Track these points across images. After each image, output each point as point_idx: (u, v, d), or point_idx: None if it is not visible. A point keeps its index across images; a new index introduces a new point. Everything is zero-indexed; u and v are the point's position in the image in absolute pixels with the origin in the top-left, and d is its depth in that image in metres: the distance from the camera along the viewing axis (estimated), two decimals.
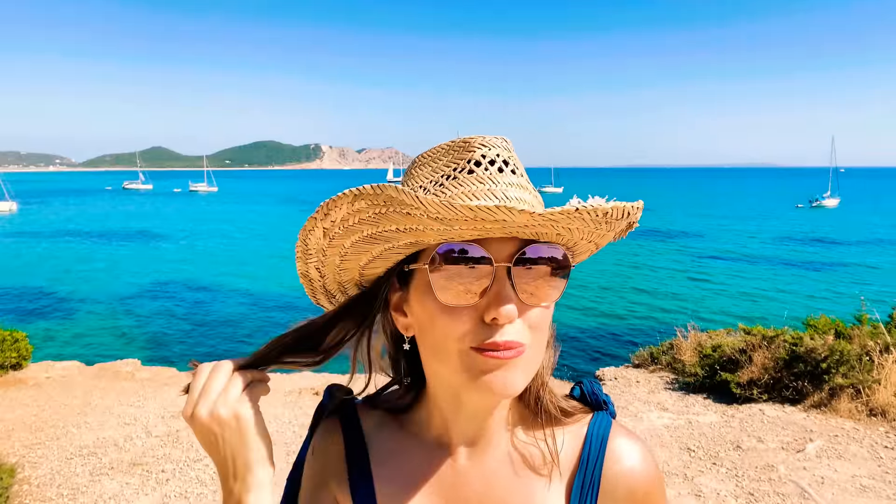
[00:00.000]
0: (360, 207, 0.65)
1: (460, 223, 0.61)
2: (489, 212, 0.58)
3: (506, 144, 0.72)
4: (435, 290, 0.67)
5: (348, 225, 0.68)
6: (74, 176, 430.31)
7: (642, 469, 0.78)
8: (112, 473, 4.69)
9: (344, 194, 0.64)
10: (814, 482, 4.21)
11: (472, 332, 0.66)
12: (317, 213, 0.68)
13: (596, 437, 0.79)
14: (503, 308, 0.64)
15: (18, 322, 15.44)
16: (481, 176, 0.68)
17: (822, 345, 5.55)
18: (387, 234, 0.67)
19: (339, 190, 0.65)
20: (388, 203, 0.62)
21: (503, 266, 0.65)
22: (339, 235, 0.70)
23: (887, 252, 32.36)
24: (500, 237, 0.66)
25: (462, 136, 0.73)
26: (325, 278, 0.80)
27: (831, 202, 68.49)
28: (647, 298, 19.45)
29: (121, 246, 37.52)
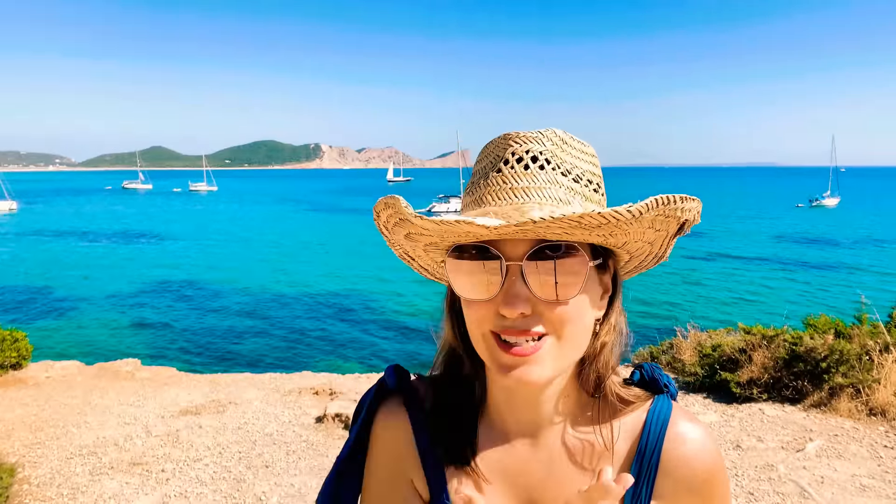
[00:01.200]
0: (389, 214, 0.74)
1: (440, 234, 0.69)
2: (451, 225, 0.64)
3: (543, 137, 0.74)
4: (453, 283, 0.73)
5: (390, 226, 0.77)
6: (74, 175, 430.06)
7: (702, 454, 0.77)
8: (112, 473, 4.69)
9: (379, 201, 0.73)
10: (813, 481, 4.21)
11: (490, 320, 0.70)
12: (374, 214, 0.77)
13: (656, 422, 0.79)
14: (510, 305, 0.68)
15: (18, 322, 15.44)
16: (506, 175, 0.73)
17: (821, 344, 5.55)
18: (413, 235, 0.75)
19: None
20: (396, 213, 0.71)
21: (515, 263, 0.68)
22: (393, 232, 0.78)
23: (887, 251, 32.37)
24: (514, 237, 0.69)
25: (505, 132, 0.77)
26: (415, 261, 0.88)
27: (831, 202, 68.52)
28: (647, 298, 19.45)
29: (120, 245, 37.51)
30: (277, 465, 4.80)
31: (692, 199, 0.68)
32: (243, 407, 6.18)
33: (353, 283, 23.69)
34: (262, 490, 4.39)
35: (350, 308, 19.70)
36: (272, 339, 15.96)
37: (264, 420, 5.79)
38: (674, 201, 0.65)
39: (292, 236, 43.65)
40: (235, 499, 4.28)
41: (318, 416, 5.80)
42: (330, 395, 6.55)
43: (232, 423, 5.69)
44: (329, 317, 18.55)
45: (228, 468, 4.75)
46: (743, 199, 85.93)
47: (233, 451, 5.05)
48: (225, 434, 5.43)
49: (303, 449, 5.11)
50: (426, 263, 0.87)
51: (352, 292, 22.10)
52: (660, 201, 0.63)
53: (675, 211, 0.67)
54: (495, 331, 0.69)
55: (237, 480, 4.55)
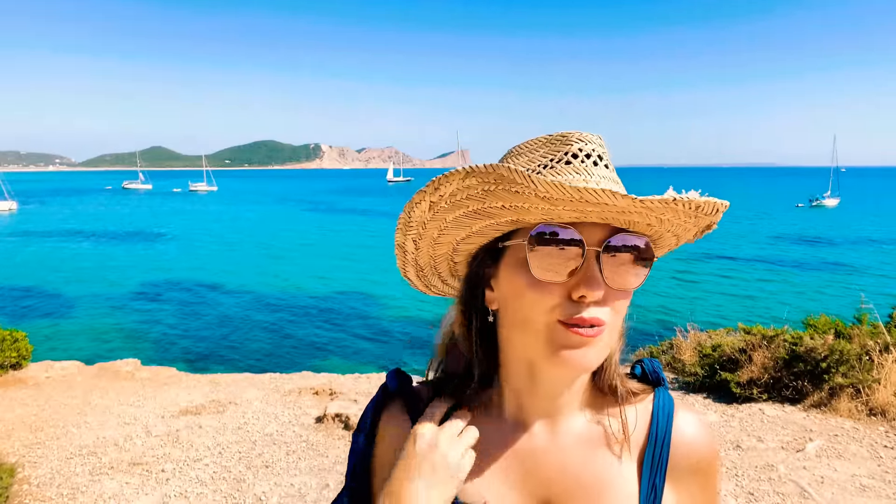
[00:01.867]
0: (471, 184, 0.69)
1: (565, 203, 0.66)
2: (594, 194, 0.62)
3: (600, 141, 0.76)
4: (531, 265, 0.71)
5: (456, 200, 0.72)
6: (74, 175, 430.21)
7: (705, 442, 0.84)
8: (112, 473, 4.69)
9: (457, 171, 0.68)
10: (813, 482, 4.21)
11: (561, 306, 0.71)
12: (427, 188, 0.72)
13: (662, 413, 0.84)
14: (592, 288, 0.69)
15: (18, 322, 15.43)
16: (578, 167, 0.73)
17: (821, 344, 5.54)
18: (491, 210, 0.72)
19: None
20: (498, 181, 0.67)
21: (593, 249, 0.70)
22: (443, 209, 0.75)
23: (887, 251, 32.38)
24: (592, 223, 0.71)
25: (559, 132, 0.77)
26: (419, 251, 0.85)
27: (831, 202, 68.54)
28: (647, 298, 19.45)
29: (120, 245, 37.51)
30: (277, 465, 4.80)
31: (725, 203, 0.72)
32: (243, 407, 6.18)
33: (354, 284, 23.69)
34: (262, 490, 4.39)
35: (351, 308, 19.70)
36: (272, 339, 15.96)
37: (264, 420, 5.79)
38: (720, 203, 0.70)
39: (293, 236, 43.66)
40: (235, 499, 4.28)
41: (318, 417, 5.80)
42: (330, 395, 6.55)
43: (232, 423, 5.69)
44: (330, 317, 18.55)
45: (228, 468, 4.75)
46: (743, 200, 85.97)
47: (233, 451, 5.05)
48: (225, 434, 5.43)
49: (303, 449, 5.11)
50: (427, 256, 0.86)
51: (352, 292, 22.11)
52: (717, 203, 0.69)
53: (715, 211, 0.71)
54: (566, 320, 0.70)
55: (237, 480, 4.55)
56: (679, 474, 0.82)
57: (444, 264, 0.88)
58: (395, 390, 0.90)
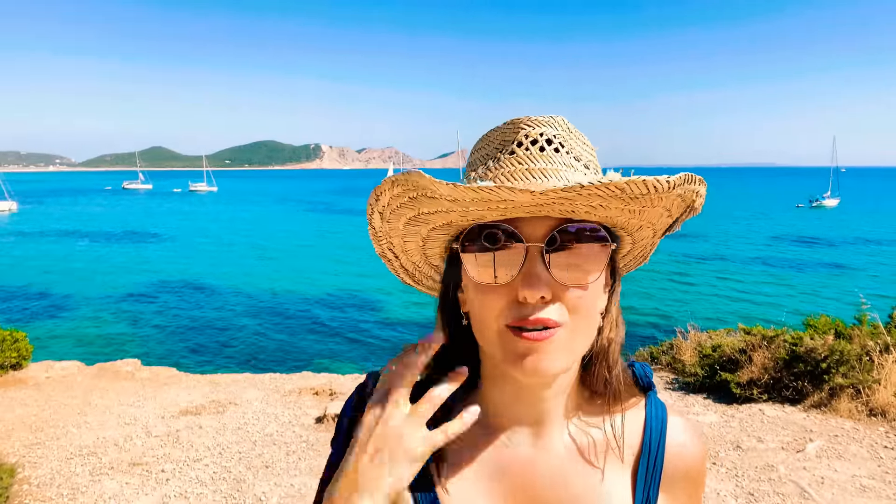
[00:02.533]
0: (398, 192, 0.68)
1: (472, 204, 0.63)
2: (491, 191, 0.59)
3: (554, 122, 0.72)
4: (467, 269, 0.70)
5: (393, 208, 0.72)
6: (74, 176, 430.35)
7: (697, 449, 0.82)
8: (112, 473, 4.69)
9: (385, 181, 0.68)
10: (814, 482, 4.21)
11: (507, 309, 0.67)
12: (371, 198, 0.72)
13: (656, 419, 0.81)
14: (532, 287, 0.64)
15: (18, 322, 15.44)
16: (521, 156, 0.69)
17: (821, 345, 5.54)
18: (423, 216, 0.71)
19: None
20: (415, 188, 0.66)
21: (536, 245, 0.66)
22: (391, 218, 0.74)
23: (887, 252, 32.37)
24: (534, 217, 0.66)
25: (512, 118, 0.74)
26: (398, 258, 0.83)
27: (831, 202, 68.56)
28: (647, 298, 19.45)
29: (121, 246, 37.51)
30: (277, 466, 4.80)
31: (704, 183, 0.69)
32: (243, 407, 6.18)
33: (355, 284, 23.68)
34: (262, 490, 4.38)
35: (351, 308, 19.70)
36: (272, 340, 15.96)
37: (264, 420, 5.79)
38: (696, 181, 0.66)
39: (293, 237, 43.66)
40: (235, 499, 4.28)
41: (318, 417, 5.80)
42: (330, 395, 6.55)
43: (232, 424, 5.69)
44: (330, 317, 18.55)
45: (228, 468, 4.75)
46: (743, 200, 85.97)
47: (233, 452, 5.05)
48: (225, 434, 5.43)
49: (303, 449, 5.11)
50: (411, 262, 0.84)
51: (353, 292, 22.10)
52: (685, 177, 0.64)
53: (692, 192, 0.68)
54: (512, 324, 0.66)
55: (237, 481, 4.55)
56: (672, 482, 0.80)
57: (425, 268, 0.85)
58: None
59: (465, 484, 0.77)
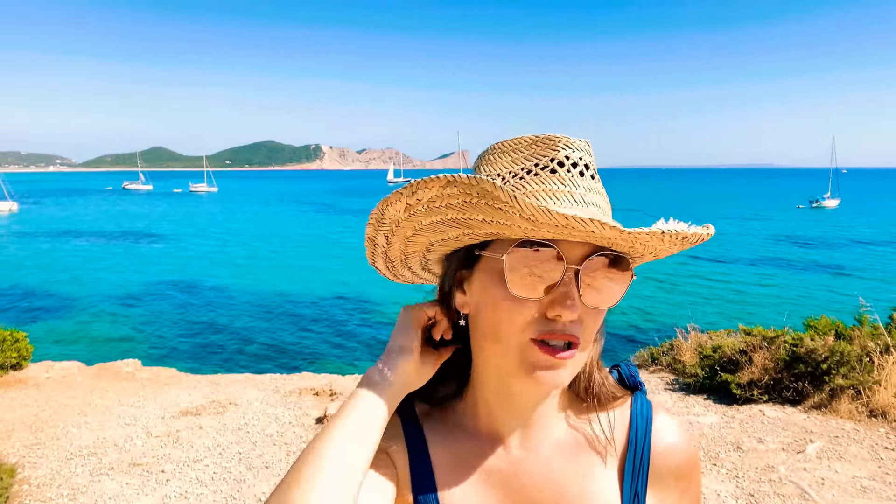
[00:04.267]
0: (451, 193, 0.66)
1: (549, 227, 0.64)
2: (581, 223, 0.61)
3: (588, 148, 0.74)
4: (508, 280, 0.69)
5: (434, 206, 0.69)
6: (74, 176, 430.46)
7: (685, 445, 0.83)
8: (112, 474, 4.69)
9: (438, 178, 0.65)
10: (814, 483, 4.21)
11: (534, 323, 0.69)
12: (404, 189, 0.69)
13: (641, 417, 0.83)
14: (568, 308, 0.67)
15: (18, 322, 15.43)
16: (563, 177, 0.71)
17: (822, 346, 5.54)
18: (470, 221, 0.69)
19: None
20: (481, 195, 0.64)
21: (572, 268, 0.68)
22: (420, 213, 0.72)
23: (887, 252, 32.36)
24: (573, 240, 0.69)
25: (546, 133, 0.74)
26: (390, 245, 0.82)
27: (831, 203, 68.56)
28: (647, 299, 19.44)
29: (121, 246, 37.52)
30: (278, 466, 4.79)
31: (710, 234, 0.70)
32: (244, 408, 6.18)
33: (355, 284, 23.68)
34: (263, 491, 4.38)
35: (351, 308, 19.70)
36: (273, 340, 15.96)
37: (265, 421, 5.79)
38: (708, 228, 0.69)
39: (293, 237, 43.66)
40: (236, 499, 4.28)
41: (318, 417, 5.80)
42: (330, 395, 6.55)
43: (232, 424, 5.69)
44: (330, 317, 18.54)
45: (229, 469, 4.75)
46: (743, 201, 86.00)
47: (233, 452, 5.05)
48: (225, 435, 5.43)
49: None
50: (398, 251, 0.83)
51: (353, 293, 22.10)
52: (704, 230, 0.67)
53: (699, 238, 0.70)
54: (538, 337, 0.69)
55: (237, 481, 4.54)
56: (660, 480, 0.81)
57: (415, 259, 0.85)
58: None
59: (460, 488, 0.79)
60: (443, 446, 0.82)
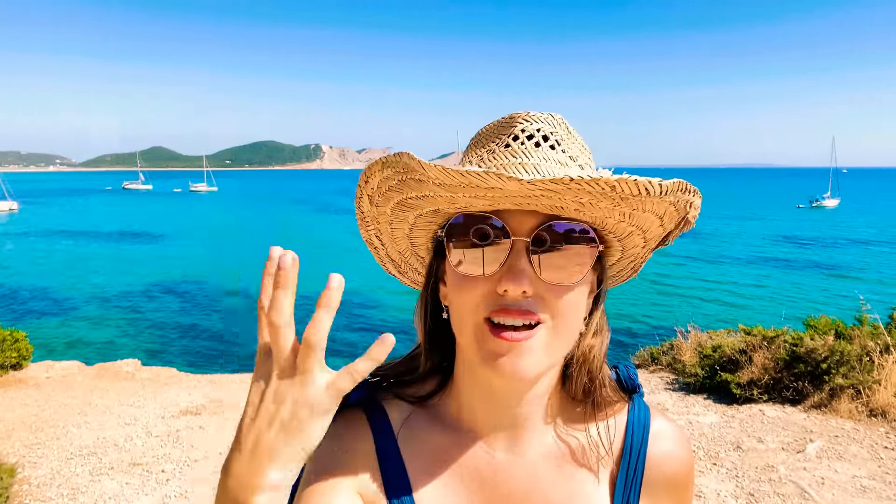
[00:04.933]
0: (388, 175, 0.68)
1: (461, 189, 0.62)
2: (479, 177, 0.57)
3: (552, 120, 0.72)
4: (450, 259, 0.68)
5: (382, 192, 0.71)
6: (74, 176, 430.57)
7: (682, 455, 0.80)
8: (112, 473, 4.69)
9: (375, 162, 0.67)
10: (814, 483, 4.21)
11: (486, 302, 0.65)
12: (360, 180, 0.71)
13: (638, 423, 0.79)
14: (515, 280, 0.63)
15: (18, 322, 15.43)
16: (515, 150, 0.68)
17: (822, 345, 5.54)
18: (411, 201, 0.70)
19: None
20: (404, 170, 0.65)
21: (521, 240, 0.65)
22: (379, 202, 0.73)
23: (887, 252, 32.37)
24: (523, 211, 0.65)
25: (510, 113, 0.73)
26: (385, 246, 0.82)
27: (831, 202, 68.61)
28: (647, 299, 19.44)
29: (121, 246, 37.53)
30: None
31: (699, 195, 0.67)
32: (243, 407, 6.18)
33: (354, 283, 23.69)
34: None
35: (350, 308, 19.70)
36: None
37: None
38: (690, 191, 0.64)
39: (293, 237, 43.66)
40: None
41: None
42: None
43: (232, 424, 5.69)
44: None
45: None
46: (743, 200, 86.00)
47: None
48: (225, 434, 5.43)
49: None
50: (397, 251, 0.82)
51: (352, 292, 22.10)
52: (679, 184, 0.62)
53: (686, 203, 0.66)
54: (490, 315, 0.64)
55: None
56: (653, 489, 0.77)
57: (412, 258, 0.83)
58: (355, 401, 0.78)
59: (439, 491, 0.74)
60: (420, 445, 0.76)
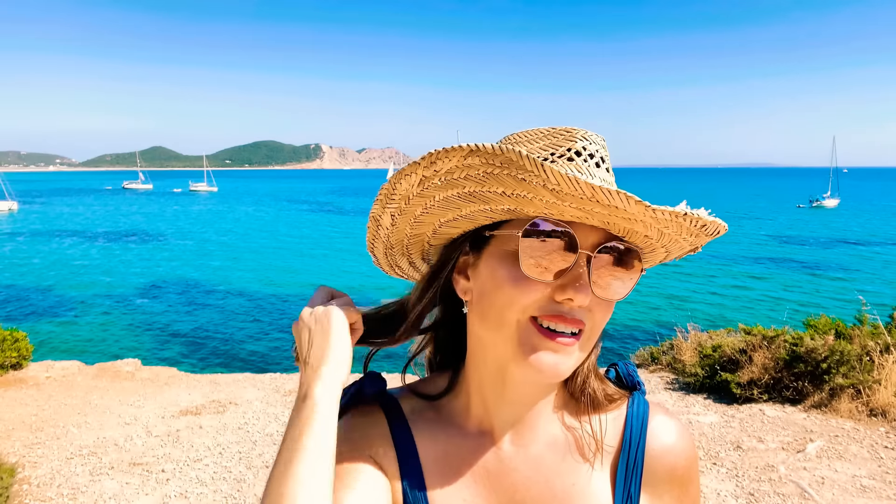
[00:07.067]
0: (472, 163, 0.63)
1: (573, 200, 0.61)
2: (608, 195, 0.59)
3: (603, 143, 0.73)
4: (521, 258, 0.67)
5: (452, 178, 0.66)
6: (74, 176, 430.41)
7: (682, 446, 0.81)
8: (112, 473, 4.69)
9: (460, 147, 0.62)
10: (814, 482, 4.21)
11: (538, 304, 0.67)
12: (421, 160, 0.65)
13: (636, 417, 0.81)
14: (580, 291, 0.66)
15: (18, 322, 15.44)
16: (580, 166, 0.69)
17: (822, 345, 5.54)
18: (489, 194, 0.66)
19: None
20: (505, 164, 0.61)
21: (586, 253, 0.67)
22: (435, 187, 0.68)
23: (887, 252, 32.38)
24: (588, 225, 0.67)
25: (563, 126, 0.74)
26: (394, 226, 0.77)
27: (831, 202, 68.62)
28: (647, 298, 19.45)
29: (121, 246, 37.53)
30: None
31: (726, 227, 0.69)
32: (244, 407, 6.18)
33: (355, 283, 23.69)
34: (263, 490, 4.39)
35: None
36: (273, 339, 15.96)
37: (265, 420, 5.79)
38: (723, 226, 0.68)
39: (293, 236, 43.67)
40: (236, 499, 4.28)
41: None
42: None
43: (232, 424, 5.69)
44: None
45: (229, 468, 4.75)
46: (743, 200, 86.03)
47: (233, 452, 5.05)
48: (225, 434, 5.43)
49: None
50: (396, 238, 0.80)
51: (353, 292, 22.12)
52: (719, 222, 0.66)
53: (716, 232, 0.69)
54: (540, 315, 0.67)
55: (237, 480, 4.55)
56: (655, 482, 0.79)
57: (417, 246, 0.81)
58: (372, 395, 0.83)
59: (449, 485, 0.77)
60: (432, 443, 0.79)
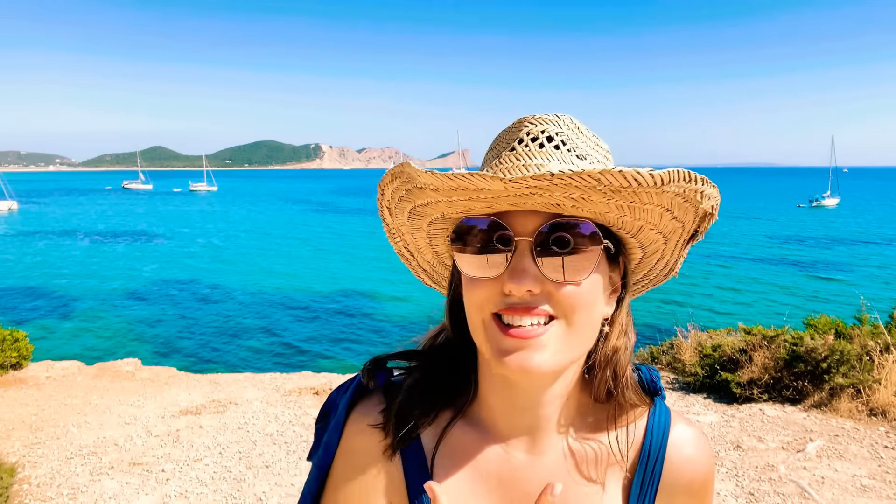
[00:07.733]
0: (397, 186, 0.70)
1: (453, 193, 0.65)
2: (466, 179, 0.60)
3: (557, 120, 0.71)
4: (458, 262, 0.70)
5: (396, 202, 0.73)
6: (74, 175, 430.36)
7: (701, 457, 0.79)
8: (112, 473, 4.69)
9: (386, 175, 0.70)
10: (814, 482, 4.21)
11: (492, 301, 0.66)
12: (378, 194, 0.73)
13: (658, 428, 0.78)
14: (518, 280, 0.64)
15: (18, 322, 15.44)
16: (520, 153, 0.68)
17: (822, 345, 5.54)
18: (419, 209, 0.72)
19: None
20: (407, 179, 0.68)
21: (525, 240, 0.65)
22: (397, 213, 0.75)
23: (887, 252, 32.38)
24: (525, 212, 0.66)
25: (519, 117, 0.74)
26: (415, 257, 0.83)
27: (831, 202, 68.68)
28: (647, 298, 19.45)
29: (121, 245, 37.53)
30: (278, 465, 4.80)
31: (712, 184, 0.65)
32: (243, 407, 6.18)
33: (355, 283, 23.70)
34: (263, 490, 4.38)
35: (351, 308, 19.70)
36: (273, 339, 15.96)
37: (265, 420, 5.79)
38: (695, 180, 0.62)
39: (293, 236, 43.67)
40: (236, 499, 4.28)
41: None
42: None
43: (232, 423, 5.69)
44: (330, 316, 18.55)
45: (229, 468, 4.75)
46: (743, 200, 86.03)
47: (233, 451, 5.05)
48: (225, 434, 5.43)
49: (303, 449, 5.11)
50: (426, 261, 0.84)
51: (353, 292, 22.11)
52: (681, 174, 0.60)
53: (694, 193, 0.64)
54: (498, 311, 0.66)
55: (237, 480, 4.55)
56: (671, 494, 0.77)
57: (440, 268, 0.84)
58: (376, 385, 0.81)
59: (458, 485, 0.75)
60: (443, 446, 0.78)
